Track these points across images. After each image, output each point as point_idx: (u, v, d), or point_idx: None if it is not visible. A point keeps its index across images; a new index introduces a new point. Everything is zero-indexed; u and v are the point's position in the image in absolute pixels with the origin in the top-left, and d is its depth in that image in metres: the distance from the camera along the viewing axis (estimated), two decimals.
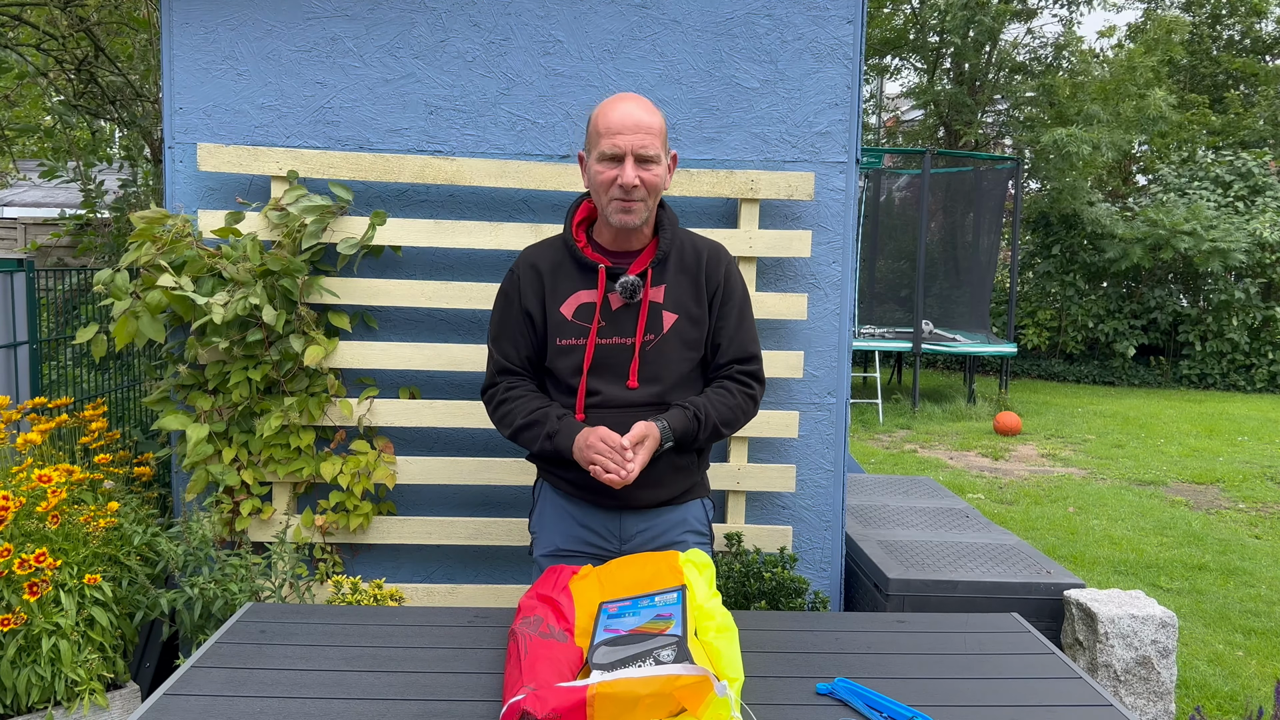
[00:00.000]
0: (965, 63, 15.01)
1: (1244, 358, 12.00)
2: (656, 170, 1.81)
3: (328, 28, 2.72)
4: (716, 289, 1.93)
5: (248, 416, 2.69)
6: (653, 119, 1.80)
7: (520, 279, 1.92)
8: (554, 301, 1.89)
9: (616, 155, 1.78)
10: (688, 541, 1.97)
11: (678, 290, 1.90)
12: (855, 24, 2.80)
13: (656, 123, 1.81)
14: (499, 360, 1.95)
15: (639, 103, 1.81)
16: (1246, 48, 16.13)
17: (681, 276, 1.92)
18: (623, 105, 1.80)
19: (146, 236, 2.54)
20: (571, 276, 1.90)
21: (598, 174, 1.81)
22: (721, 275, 1.94)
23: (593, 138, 1.82)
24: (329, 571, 2.77)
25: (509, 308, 1.94)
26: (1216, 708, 3.23)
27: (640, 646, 1.42)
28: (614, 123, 1.78)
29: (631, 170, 1.77)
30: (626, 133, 1.77)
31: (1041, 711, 1.42)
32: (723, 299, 1.94)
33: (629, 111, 1.78)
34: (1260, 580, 4.62)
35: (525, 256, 1.95)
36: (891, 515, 3.48)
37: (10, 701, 2.16)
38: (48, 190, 10.18)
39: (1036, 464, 7.42)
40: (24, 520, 2.29)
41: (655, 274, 1.89)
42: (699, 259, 1.93)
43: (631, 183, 1.77)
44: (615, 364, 1.89)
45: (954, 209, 11.73)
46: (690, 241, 1.96)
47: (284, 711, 1.35)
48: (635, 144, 1.77)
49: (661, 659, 1.38)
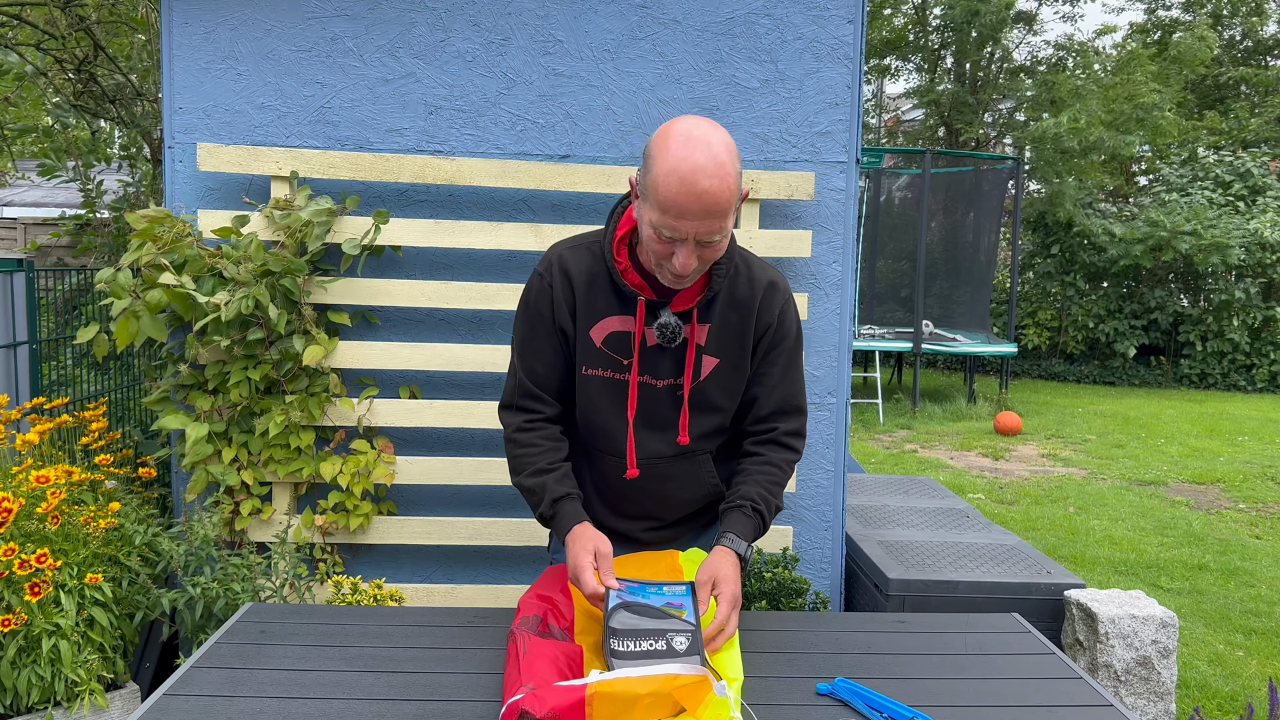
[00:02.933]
0: (966, 63, 15.01)
1: (1244, 358, 12.00)
2: (720, 245, 1.50)
3: (328, 27, 2.72)
4: (767, 330, 1.68)
5: (248, 416, 2.69)
6: (725, 198, 1.42)
7: (554, 288, 1.65)
8: (584, 322, 1.65)
9: (674, 238, 1.46)
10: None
11: (723, 331, 1.65)
12: (855, 24, 2.80)
13: (728, 201, 1.43)
14: (523, 381, 1.70)
15: (715, 177, 1.40)
16: (1248, 49, 16.13)
17: (730, 314, 1.65)
18: (697, 183, 1.40)
19: (147, 236, 2.53)
20: (606, 296, 1.64)
21: (650, 238, 1.49)
22: (774, 316, 1.67)
23: (651, 191, 1.45)
24: (329, 571, 2.77)
25: (539, 319, 1.67)
26: (1217, 708, 3.23)
27: (658, 623, 1.43)
28: (682, 204, 1.42)
29: (689, 256, 1.48)
30: (692, 219, 1.43)
31: (1042, 711, 1.42)
32: (771, 343, 1.69)
33: (704, 192, 1.40)
34: (1260, 580, 4.62)
35: (558, 260, 1.66)
36: (892, 515, 3.48)
37: (10, 702, 2.16)
38: (48, 190, 10.18)
39: (1037, 464, 7.42)
40: (24, 521, 2.29)
41: (700, 313, 1.63)
42: (753, 294, 1.66)
43: (687, 270, 1.49)
44: (648, 409, 1.68)
45: (954, 209, 11.72)
46: (748, 271, 1.67)
47: (284, 711, 1.35)
48: (700, 231, 1.44)
49: (675, 645, 1.39)
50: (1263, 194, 12.47)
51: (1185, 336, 12.32)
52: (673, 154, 1.42)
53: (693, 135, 1.44)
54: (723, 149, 1.43)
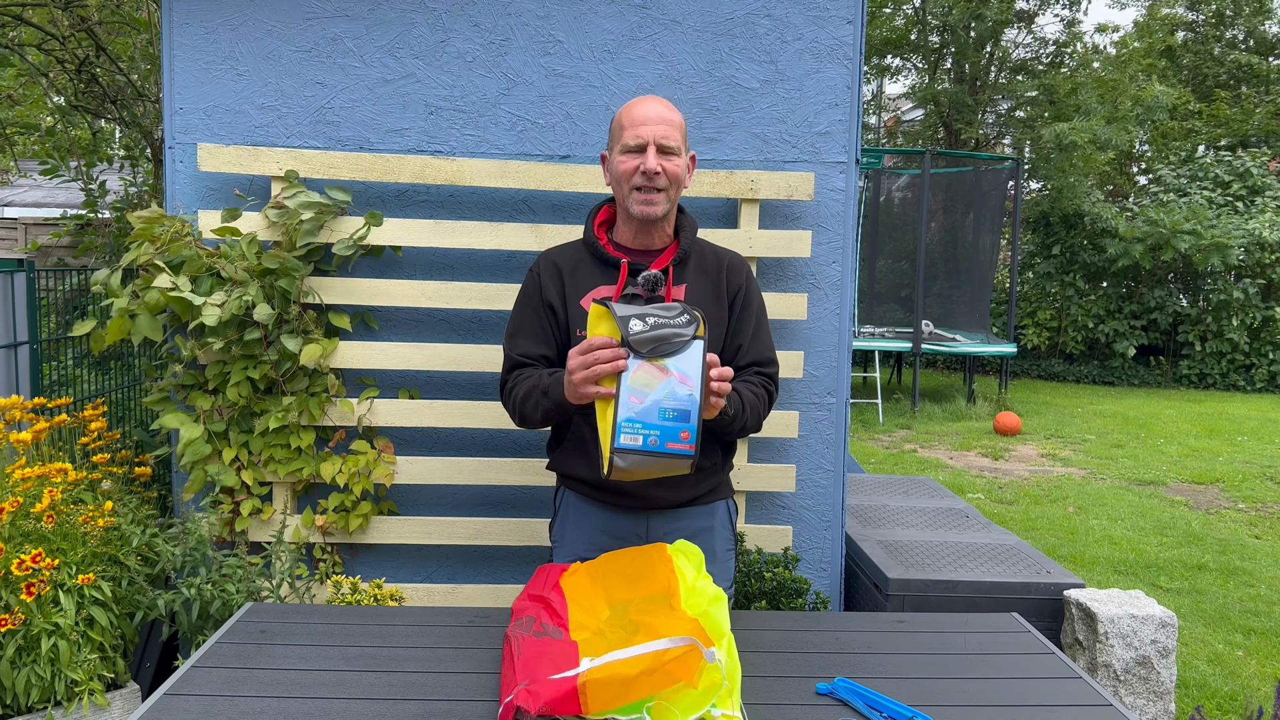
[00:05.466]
0: (966, 63, 15.01)
1: (1244, 358, 12.00)
2: (678, 162, 1.85)
3: (328, 28, 2.72)
4: (738, 292, 1.94)
5: (247, 416, 2.69)
6: (674, 115, 1.87)
7: (541, 274, 1.92)
8: (574, 295, 1.88)
9: (640, 145, 1.82)
10: (717, 549, 1.94)
11: (698, 291, 1.90)
12: (855, 24, 2.80)
13: (677, 119, 1.87)
14: (513, 357, 1.92)
15: (661, 101, 1.88)
16: (1251, 48, 16.12)
17: (702, 279, 1.92)
18: (646, 102, 1.86)
19: (145, 236, 2.54)
20: (592, 272, 1.89)
21: (620, 164, 1.84)
22: (743, 280, 1.96)
23: (616, 133, 1.87)
24: (329, 571, 2.77)
25: (529, 302, 1.93)
26: (1216, 708, 3.23)
27: (664, 314, 1.60)
28: (637, 116, 1.84)
29: (654, 157, 1.81)
30: (650, 124, 1.83)
31: (1041, 711, 1.42)
32: (743, 304, 1.95)
33: (652, 107, 1.85)
34: (1260, 580, 4.62)
35: (544, 256, 1.96)
36: (891, 515, 3.48)
37: (10, 702, 2.16)
38: (48, 190, 10.18)
39: (1036, 464, 7.42)
40: (21, 520, 2.29)
41: (676, 273, 1.90)
42: (719, 264, 1.95)
43: (654, 168, 1.80)
44: None
45: (954, 209, 11.73)
46: (710, 249, 1.99)
47: (284, 711, 1.35)
48: (658, 134, 1.81)
49: (678, 324, 1.57)
50: (1261, 194, 12.47)
51: (1185, 336, 12.32)
52: (630, 102, 1.89)
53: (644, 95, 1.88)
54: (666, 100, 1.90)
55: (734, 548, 2.04)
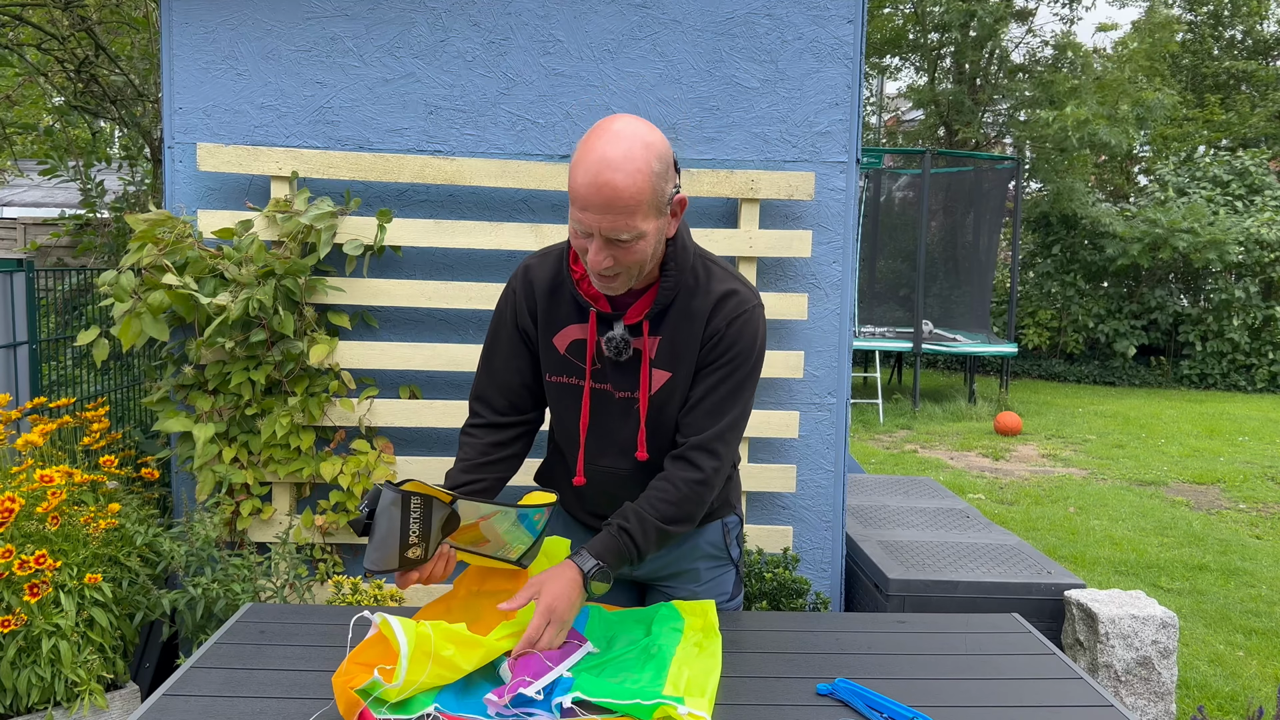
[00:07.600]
0: (965, 63, 15.01)
1: (1244, 357, 11.99)
2: (637, 247, 1.43)
3: (328, 27, 2.72)
4: (710, 339, 1.58)
5: (248, 417, 2.69)
6: (630, 193, 1.37)
7: (517, 294, 1.68)
8: (547, 330, 1.65)
9: (585, 231, 1.43)
10: (699, 568, 1.80)
11: (674, 345, 1.59)
12: (855, 24, 2.80)
13: (634, 198, 1.38)
14: (478, 380, 1.76)
15: (620, 170, 1.37)
16: (1249, 48, 16.13)
17: (684, 326, 1.58)
18: (599, 174, 1.37)
19: (148, 238, 2.53)
20: (567, 305, 1.63)
21: (571, 234, 1.48)
22: (723, 325, 1.57)
23: (569, 182, 1.43)
24: (329, 572, 2.77)
25: (501, 323, 1.71)
26: (1217, 708, 3.23)
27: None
28: (585, 196, 1.39)
29: (599, 251, 1.43)
30: (595, 211, 1.39)
31: (1042, 712, 1.42)
32: (711, 352, 1.58)
33: (605, 184, 1.37)
34: (1261, 580, 4.62)
35: (524, 270, 1.69)
36: (892, 515, 3.48)
37: (10, 702, 2.16)
38: (48, 190, 10.18)
39: (1037, 464, 7.42)
40: (24, 521, 2.29)
41: (652, 326, 1.58)
42: (706, 305, 1.58)
43: (599, 267, 1.45)
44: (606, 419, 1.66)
45: (954, 209, 11.72)
46: (706, 281, 1.59)
47: (284, 711, 1.35)
48: (605, 226, 1.40)
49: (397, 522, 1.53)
50: (1260, 193, 12.46)
51: (1185, 336, 12.31)
52: (587, 146, 1.41)
53: (612, 129, 1.41)
54: (639, 147, 1.39)
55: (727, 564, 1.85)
